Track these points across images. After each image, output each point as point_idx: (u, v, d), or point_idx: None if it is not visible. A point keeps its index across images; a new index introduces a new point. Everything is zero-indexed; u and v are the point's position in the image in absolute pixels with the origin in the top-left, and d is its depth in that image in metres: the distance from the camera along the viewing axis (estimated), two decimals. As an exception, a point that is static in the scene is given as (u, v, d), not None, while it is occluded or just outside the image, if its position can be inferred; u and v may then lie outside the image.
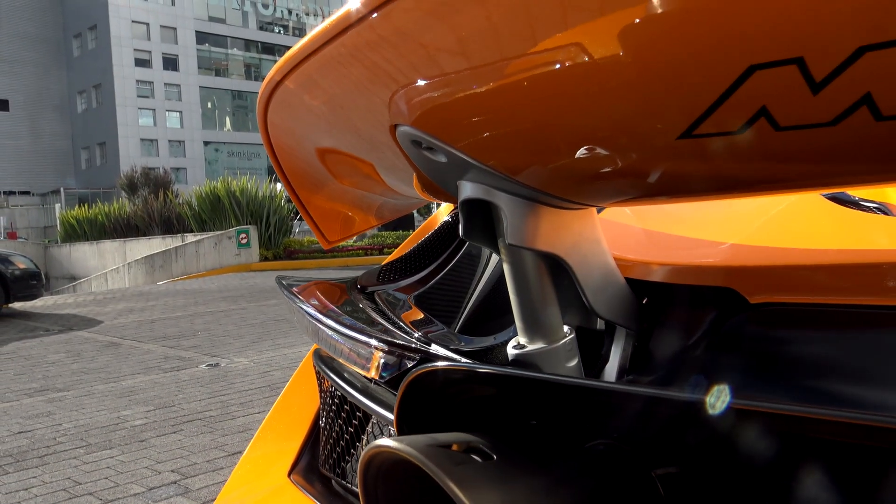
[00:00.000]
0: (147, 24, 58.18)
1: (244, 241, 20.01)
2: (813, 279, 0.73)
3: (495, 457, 0.47)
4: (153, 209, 24.69)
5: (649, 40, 0.43)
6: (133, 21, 57.30)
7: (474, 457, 0.47)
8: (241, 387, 5.69)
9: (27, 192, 56.08)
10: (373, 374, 0.69)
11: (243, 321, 9.44)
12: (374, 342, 0.70)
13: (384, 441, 0.46)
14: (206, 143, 60.32)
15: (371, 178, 1.06)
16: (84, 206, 29.27)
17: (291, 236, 22.42)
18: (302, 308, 0.84)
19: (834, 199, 0.96)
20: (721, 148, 0.47)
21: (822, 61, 0.37)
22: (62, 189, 50.73)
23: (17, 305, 11.95)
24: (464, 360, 0.72)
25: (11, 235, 38.96)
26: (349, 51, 0.68)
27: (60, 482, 3.77)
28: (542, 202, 0.75)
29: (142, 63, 58.03)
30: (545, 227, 0.76)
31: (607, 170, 0.63)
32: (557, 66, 0.52)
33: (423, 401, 0.53)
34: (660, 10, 0.40)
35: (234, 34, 63.33)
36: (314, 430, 1.06)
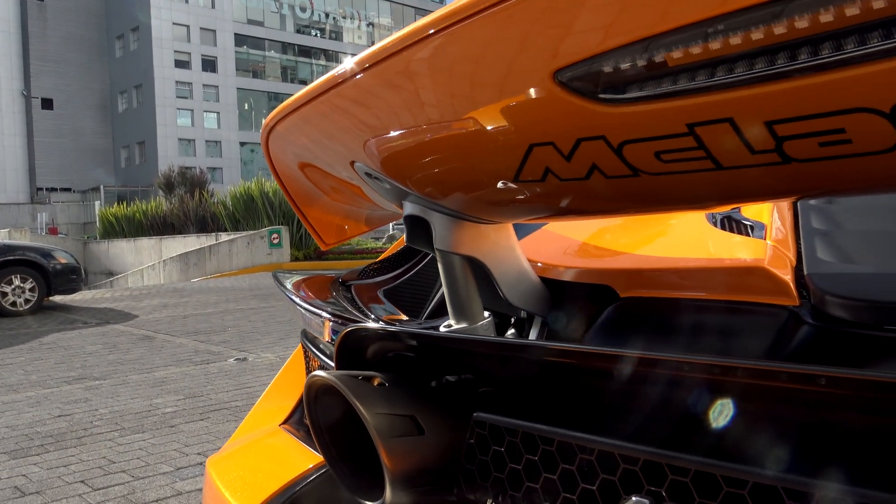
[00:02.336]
0: (187, 27, 59.46)
1: (276, 241, 20.47)
2: (665, 279, 0.99)
3: (387, 384, 0.73)
4: (189, 208, 25.33)
5: (487, 132, 0.69)
6: (174, 23, 58.63)
7: (373, 384, 0.73)
8: (267, 380, 6.01)
9: (68, 189, 57.71)
10: (326, 337, 0.95)
11: (272, 318, 9.79)
12: (325, 314, 0.97)
13: (317, 372, 0.72)
14: (242, 144, 61.44)
15: (354, 194, 1.33)
16: (122, 203, 30.13)
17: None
18: (286, 294, 1.11)
19: (725, 216, 1.20)
20: (538, 189, 0.73)
21: (562, 146, 0.62)
22: (102, 186, 52.04)
23: (57, 298, 12.49)
24: (380, 325, 0.98)
25: (52, 231, 40.12)
26: (319, 110, 0.94)
27: (96, 460, 4.11)
28: (464, 218, 1.01)
29: (181, 64, 59.31)
30: (466, 237, 1.03)
31: (494, 200, 0.89)
32: (455, 132, 0.79)
33: (351, 351, 0.80)
34: (484, 124, 0.66)
35: (272, 37, 64.38)
36: (304, 394, 1.33)
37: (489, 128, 0.68)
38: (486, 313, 1.10)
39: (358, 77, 0.80)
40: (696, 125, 0.53)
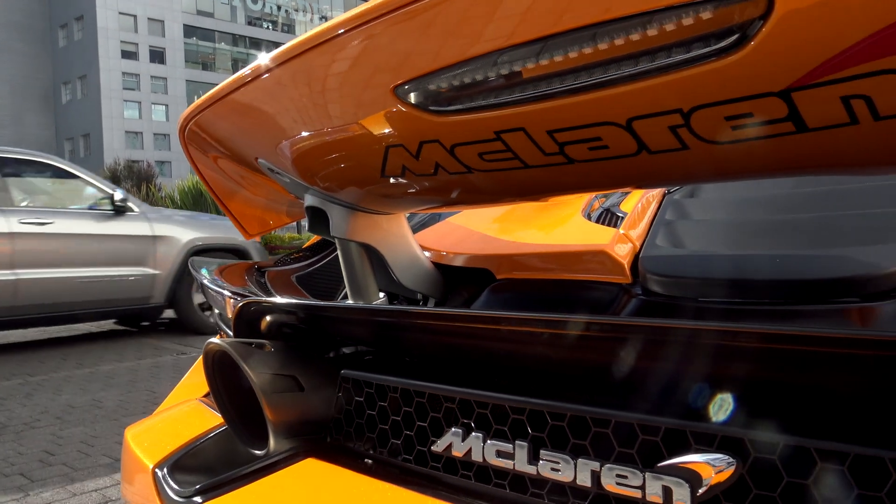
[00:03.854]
0: (134, 16, 58.03)
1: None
2: (531, 263, 1.13)
3: (273, 349, 0.86)
4: (136, 202, 24.75)
5: (356, 135, 0.82)
6: (120, 13, 57.15)
7: (263, 350, 0.85)
8: (210, 372, 6.03)
9: (10, 183, 55.79)
10: (229, 313, 1.07)
11: (218, 313, 9.74)
12: (227, 293, 1.09)
13: (212, 339, 0.84)
14: (191, 138, 60.17)
15: (270, 187, 1.44)
16: (67, 197, 29.28)
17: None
18: (196, 277, 1.22)
19: (605, 209, 1.35)
20: (404, 183, 0.86)
21: (410, 147, 0.76)
22: (45, 180, 50.43)
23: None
24: (270, 299, 1.10)
25: (-7, 225, 38.67)
26: (225, 109, 1.06)
27: (36, 453, 4.11)
28: (358, 210, 1.14)
29: (128, 55, 57.87)
30: (361, 226, 1.15)
31: (380, 193, 1.02)
32: (333, 134, 0.91)
33: (246, 322, 0.92)
34: (351, 129, 0.79)
35: (223, 28, 63.30)
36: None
37: (356, 132, 0.81)
38: (382, 294, 1.23)
39: (252, 83, 0.92)
40: (501, 132, 0.67)
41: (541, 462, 0.63)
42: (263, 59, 0.89)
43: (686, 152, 0.60)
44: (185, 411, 1.14)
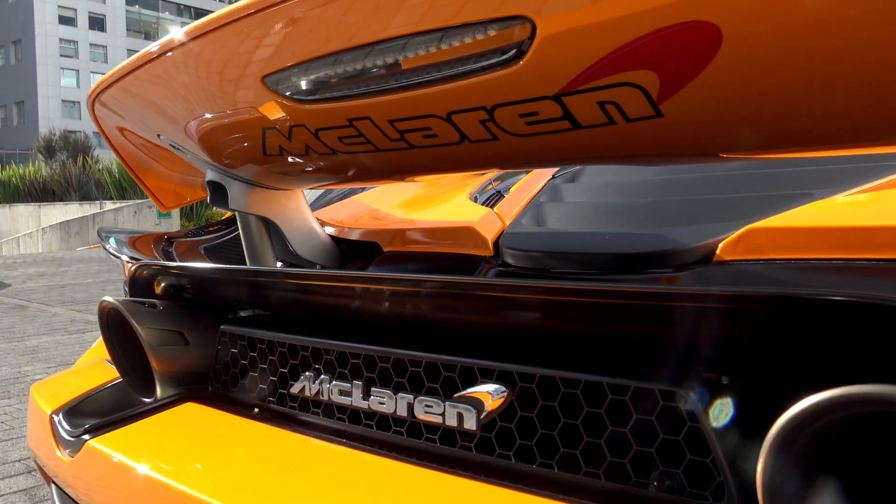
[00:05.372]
0: (73, -19, 55.76)
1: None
2: (413, 237, 1.25)
3: (162, 308, 0.96)
4: (71, 174, 24.03)
5: (239, 118, 0.92)
6: (58, -24, 54.83)
7: (154, 309, 0.95)
8: (143, 347, 5.99)
9: (-64, 150, 53.31)
10: (126, 276, 1.16)
11: (154, 288, 9.62)
12: (124, 258, 1.18)
13: (105, 297, 0.94)
14: (132, 109, 58.36)
15: (181, 162, 1.52)
16: (-2, 167, 28.18)
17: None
18: (103, 246, 1.30)
19: (496, 191, 1.48)
20: (288, 163, 0.97)
21: (282, 130, 0.86)
22: (-26, 148, 48.36)
23: (-80, 266, 11.72)
24: (162, 262, 1.19)
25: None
26: (129, 86, 1.13)
27: (-43, 423, 4.07)
28: (256, 185, 1.24)
29: (66, 21, 55.58)
30: (258, 200, 1.25)
31: (273, 171, 1.12)
32: (221, 116, 1.00)
33: (140, 284, 1.02)
34: (235, 112, 0.89)
35: (166, -3, 61.39)
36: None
37: (237, 115, 0.91)
38: (279, 264, 1.34)
39: (151, 63, 1.00)
40: (353, 120, 0.78)
41: (371, 398, 0.75)
42: (158, 42, 0.98)
43: (498, 142, 0.72)
44: (89, 368, 1.23)
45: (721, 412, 0.56)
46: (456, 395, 0.69)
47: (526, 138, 0.71)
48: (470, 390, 0.68)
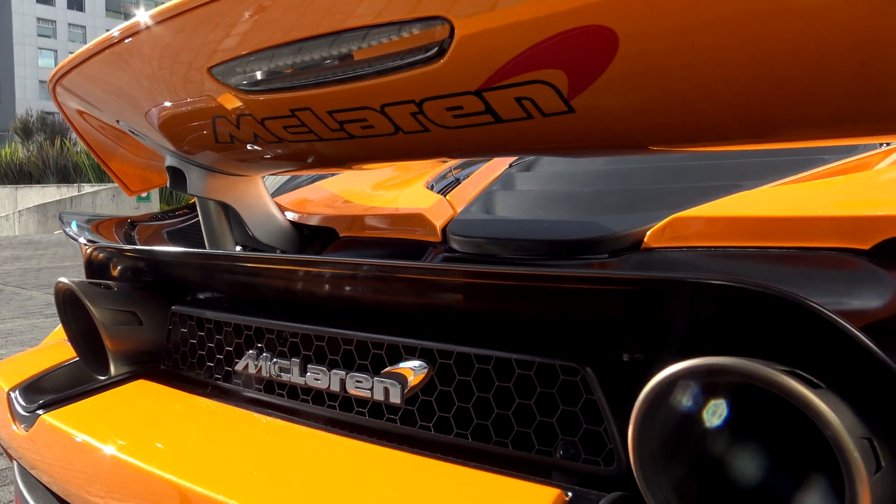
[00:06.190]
0: (50, -41, 54.74)
1: (144, 194, 19.68)
2: (367, 223, 1.29)
3: (116, 289, 0.99)
4: (48, 156, 23.70)
5: (191, 107, 0.95)
6: (35, -46, 53.79)
7: (107, 289, 0.99)
8: (118, 330, 5.99)
9: None
10: (85, 259, 1.19)
11: (132, 272, 9.57)
12: (82, 240, 1.21)
13: (61, 279, 0.97)
14: (111, 91, 57.59)
15: (144, 147, 1.54)
16: (-27, 148, 27.72)
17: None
18: (64, 229, 1.33)
19: (455, 178, 1.52)
20: (241, 150, 1.00)
21: (231, 118, 0.90)
22: (-51, 129, 47.47)
23: None
24: (117, 245, 1.22)
25: None
26: (89, 71, 1.16)
27: (-71, 405, 4.06)
28: (213, 170, 1.27)
29: (44, 0, 54.65)
30: (217, 186, 1.29)
31: (230, 158, 1.15)
32: (174, 104, 1.03)
33: (96, 266, 1.05)
34: (186, 101, 0.92)
35: (147, -23, 60.42)
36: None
37: (189, 103, 0.94)
38: (239, 248, 1.37)
39: (107, 50, 1.03)
40: (295, 110, 0.82)
41: (308, 374, 0.80)
42: (118, 27, 1.00)
43: (430, 133, 0.76)
44: (50, 348, 1.26)
45: (615, 385, 0.61)
46: (383, 371, 0.74)
47: (455, 130, 0.75)
48: (395, 367, 0.73)
